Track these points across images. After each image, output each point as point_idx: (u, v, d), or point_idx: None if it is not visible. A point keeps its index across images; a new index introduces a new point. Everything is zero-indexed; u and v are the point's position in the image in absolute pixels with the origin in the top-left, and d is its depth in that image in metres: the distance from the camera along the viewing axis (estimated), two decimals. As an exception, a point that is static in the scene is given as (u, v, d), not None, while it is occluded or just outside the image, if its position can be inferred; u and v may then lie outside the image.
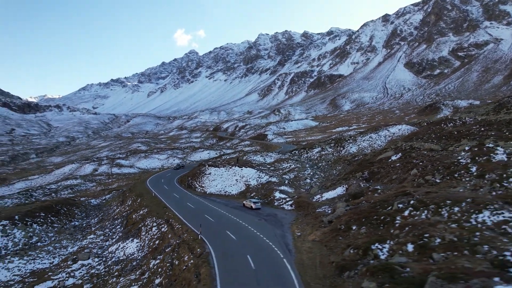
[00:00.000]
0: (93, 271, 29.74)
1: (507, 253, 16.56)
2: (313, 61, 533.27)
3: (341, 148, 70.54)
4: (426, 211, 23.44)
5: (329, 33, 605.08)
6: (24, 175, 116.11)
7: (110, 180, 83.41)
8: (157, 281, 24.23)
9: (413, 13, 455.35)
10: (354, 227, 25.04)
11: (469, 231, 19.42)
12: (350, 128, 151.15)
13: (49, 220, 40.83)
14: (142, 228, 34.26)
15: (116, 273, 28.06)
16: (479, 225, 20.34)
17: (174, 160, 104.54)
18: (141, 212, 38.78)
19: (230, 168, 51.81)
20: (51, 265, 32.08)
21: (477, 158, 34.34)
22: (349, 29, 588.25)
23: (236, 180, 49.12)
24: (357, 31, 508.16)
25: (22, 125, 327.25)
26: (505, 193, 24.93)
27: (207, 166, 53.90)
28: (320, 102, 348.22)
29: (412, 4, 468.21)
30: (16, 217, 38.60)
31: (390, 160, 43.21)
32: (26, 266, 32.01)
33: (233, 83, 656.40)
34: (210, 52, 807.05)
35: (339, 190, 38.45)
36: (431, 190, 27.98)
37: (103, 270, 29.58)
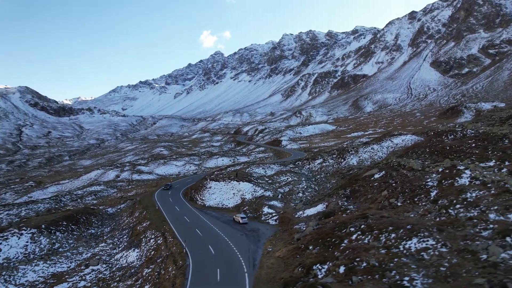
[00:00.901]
0: (100, 275, 35.59)
1: (406, 278, 20.33)
2: (337, 61, 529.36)
3: (342, 160, 73.41)
4: (370, 236, 27.19)
5: (354, 32, 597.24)
6: (57, 179, 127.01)
7: (130, 187, 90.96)
8: (146, 287, 29.53)
9: (441, 9, 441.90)
10: (310, 247, 29.15)
11: (390, 257, 23.16)
12: (365, 133, 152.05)
13: (70, 228, 47.51)
14: (143, 239, 39.85)
15: (117, 278, 33.71)
16: (405, 251, 23.93)
17: (190, 167, 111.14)
18: (144, 224, 44.50)
19: (229, 182, 56.74)
20: (68, 269, 38.35)
21: (443, 181, 37.06)
22: (375, 27, 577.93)
23: (233, 194, 53.95)
24: (382, 29, 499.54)
25: (58, 128, 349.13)
26: (445, 220, 28.14)
27: (208, 180, 59.21)
28: (343, 103, 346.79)
29: (440, 0, 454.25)
30: (43, 225, 45.49)
31: (372, 178, 46.37)
32: (49, 269, 38.44)
33: (257, 84, 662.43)
34: (235, 53, 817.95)
35: (320, 207, 42.26)
36: (386, 214, 31.52)
37: (108, 275, 35.35)
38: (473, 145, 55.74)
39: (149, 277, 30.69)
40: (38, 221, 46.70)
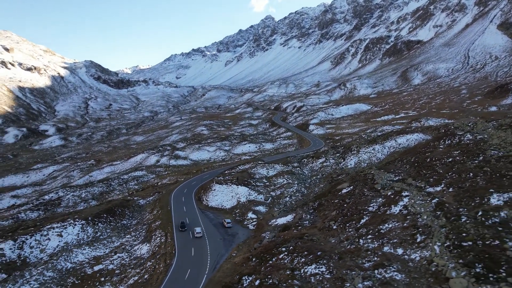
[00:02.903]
0: (123, 262, 50.62)
1: (284, 298, 30.86)
2: (391, 25, 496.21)
3: (342, 160, 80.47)
4: (290, 257, 37.49)
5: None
6: (112, 157, 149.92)
7: (166, 173, 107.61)
8: (146, 276, 43.39)
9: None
10: (254, 259, 40.25)
11: (288, 278, 33.55)
12: (396, 117, 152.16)
13: (108, 220, 63.52)
14: (153, 236, 53.78)
15: (132, 266, 48.32)
16: (302, 275, 34.01)
17: (220, 153, 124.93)
18: (157, 223, 58.34)
19: (230, 185, 68.07)
20: (104, 254, 54.04)
21: (381, 207, 44.68)
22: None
23: (232, 196, 65.43)
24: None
25: (117, 100, 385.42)
26: (352, 249, 37.16)
27: (214, 183, 71.18)
28: (391, 74, 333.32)
29: None
30: (89, 218, 61.93)
31: (340, 193, 54.80)
32: (92, 253, 54.51)
33: (307, 50, 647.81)
34: (285, 17, 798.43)
35: (289, 217, 52.30)
36: (316, 237, 41.13)
37: (127, 262, 50.23)
38: (450, 159, 59.71)
39: (149, 269, 44.51)
40: (86, 214, 63.38)
